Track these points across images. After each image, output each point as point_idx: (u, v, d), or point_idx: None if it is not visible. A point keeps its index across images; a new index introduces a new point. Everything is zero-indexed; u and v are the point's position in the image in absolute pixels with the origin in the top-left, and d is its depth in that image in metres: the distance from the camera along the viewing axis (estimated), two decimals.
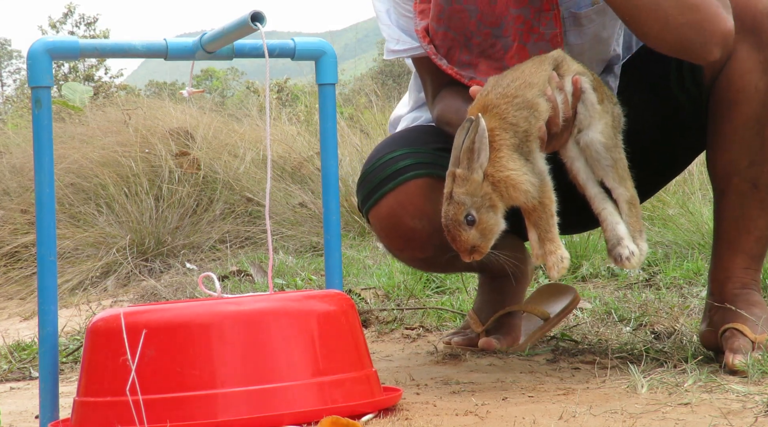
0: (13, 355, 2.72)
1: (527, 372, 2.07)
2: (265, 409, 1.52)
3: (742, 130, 1.90)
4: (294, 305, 1.63)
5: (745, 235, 1.99)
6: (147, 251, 4.38)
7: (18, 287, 4.33)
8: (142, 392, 1.50)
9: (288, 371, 1.56)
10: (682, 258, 3.23)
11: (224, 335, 1.54)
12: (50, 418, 1.70)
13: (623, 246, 1.85)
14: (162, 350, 1.53)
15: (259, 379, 1.54)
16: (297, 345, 1.58)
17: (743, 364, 1.86)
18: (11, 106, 18.37)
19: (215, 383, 1.52)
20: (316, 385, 1.58)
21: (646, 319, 2.52)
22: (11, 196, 5.01)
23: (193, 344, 1.53)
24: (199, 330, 1.54)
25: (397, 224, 2.07)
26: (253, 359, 1.54)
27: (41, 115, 1.71)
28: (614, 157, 1.86)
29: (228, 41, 1.78)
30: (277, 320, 1.58)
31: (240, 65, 36.47)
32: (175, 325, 1.54)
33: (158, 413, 1.50)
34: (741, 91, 1.87)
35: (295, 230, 4.55)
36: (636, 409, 1.63)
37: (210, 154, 4.99)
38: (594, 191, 1.89)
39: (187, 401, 1.51)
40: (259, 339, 1.55)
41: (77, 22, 35.96)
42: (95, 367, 1.59)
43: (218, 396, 1.51)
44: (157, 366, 1.52)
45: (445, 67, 2.04)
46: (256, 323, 1.56)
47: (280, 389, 1.54)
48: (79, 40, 1.77)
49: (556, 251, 1.79)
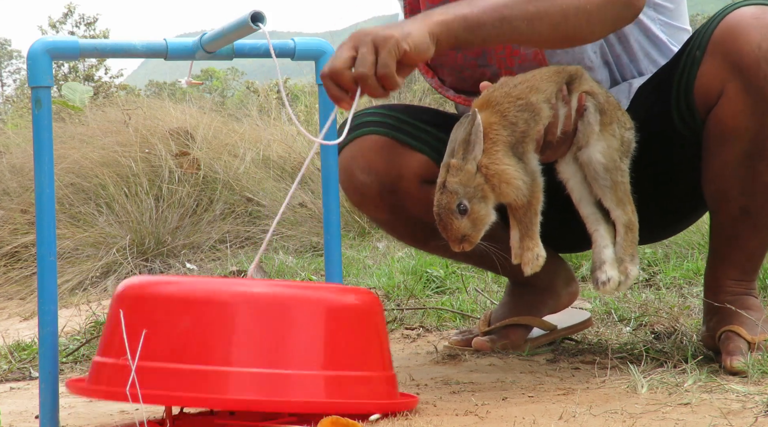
0: (13, 355, 2.72)
1: (527, 372, 2.07)
2: (277, 394, 1.51)
3: (733, 165, 1.90)
4: (323, 295, 1.62)
5: (738, 252, 2.00)
6: (147, 251, 4.38)
7: (18, 287, 4.33)
8: (158, 359, 1.50)
9: (306, 360, 1.55)
10: (682, 258, 3.22)
11: (247, 314, 1.54)
12: (50, 418, 1.70)
13: (602, 271, 1.86)
14: (183, 322, 1.52)
15: (276, 363, 1.53)
16: (318, 335, 1.57)
17: (742, 364, 1.86)
18: (11, 106, 18.37)
19: (231, 361, 1.51)
20: (334, 378, 1.57)
21: (646, 319, 2.52)
22: (11, 196, 5.01)
23: (214, 319, 1.52)
24: (222, 307, 1.53)
25: (350, 176, 2.12)
26: (274, 342, 1.53)
27: (41, 115, 1.71)
28: (614, 180, 1.86)
29: (228, 41, 1.78)
30: (302, 308, 1.57)
31: (240, 65, 36.45)
32: (200, 298, 1.54)
33: (171, 382, 1.50)
34: (731, 131, 1.87)
35: (295, 230, 4.55)
36: (636, 409, 1.63)
37: (210, 154, 4.98)
38: (587, 211, 1.90)
39: (200, 374, 1.50)
40: (281, 324, 1.54)
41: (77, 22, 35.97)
42: (115, 330, 1.59)
43: (232, 374, 1.51)
44: (176, 337, 1.52)
45: (452, 96, 2.12)
46: (282, 307, 1.55)
47: (295, 376, 1.53)
48: (79, 40, 1.77)
49: (533, 248, 1.80)
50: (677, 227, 2.32)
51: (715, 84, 1.87)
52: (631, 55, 2.11)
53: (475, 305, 2.88)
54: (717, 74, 1.86)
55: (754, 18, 1.83)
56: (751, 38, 1.82)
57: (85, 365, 2.55)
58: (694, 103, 1.91)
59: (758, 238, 1.98)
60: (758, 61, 1.81)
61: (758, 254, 2.01)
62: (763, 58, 1.81)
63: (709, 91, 1.88)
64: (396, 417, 1.65)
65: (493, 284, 3.15)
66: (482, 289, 3.05)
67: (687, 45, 1.95)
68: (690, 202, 2.14)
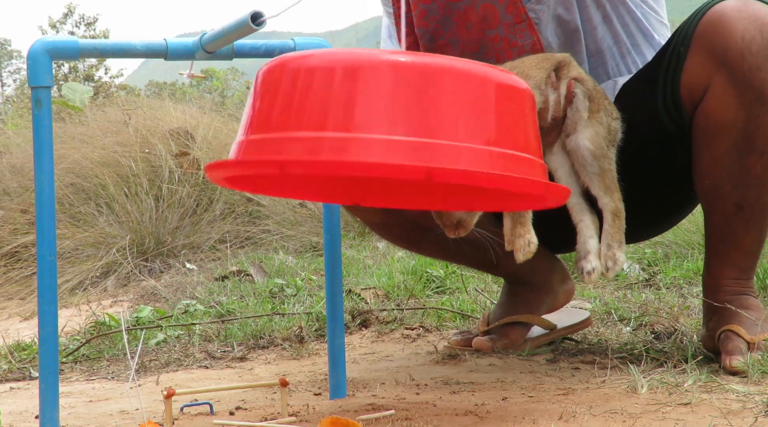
0: (13, 355, 2.72)
1: (527, 372, 2.07)
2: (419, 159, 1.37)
3: (723, 159, 1.90)
4: (476, 68, 1.48)
5: (734, 250, 2.00)
6: (147, 251, 4.38)
7: (18, 287, 4.33)
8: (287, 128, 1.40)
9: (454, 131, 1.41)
10: (682, 258, 3.23)
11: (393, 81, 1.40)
12: (50, 418, 1.70)
13: (587, 261, 1.87)
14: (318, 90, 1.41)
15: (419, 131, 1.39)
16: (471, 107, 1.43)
17: (742, 364, 1.86)
18: (11, 106, 18.37)
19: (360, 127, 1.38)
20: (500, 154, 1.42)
21: (646, 319, 2.52)
22: (11, 196, 5.01)
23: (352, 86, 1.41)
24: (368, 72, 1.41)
25: None
26: (417, 110, 1.40)
27: (41, 115, 1.71)
28: (602, 167, 1.87)
29: (228, 41, 1.78)
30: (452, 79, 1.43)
31: (240, 65, 36.45)
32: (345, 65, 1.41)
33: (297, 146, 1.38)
34: (719, 125, 1.88)
35: (295, 230, 4.55)
36: (636, 409, 1.63)
37: (210, 154, 4.99)
38: (573, 201, 1.90)
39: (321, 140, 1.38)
40: (429, 93, 1.41)
41: (77, 22, 35.97)
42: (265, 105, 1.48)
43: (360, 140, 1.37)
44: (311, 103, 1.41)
45: None
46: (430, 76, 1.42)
47: (439, 145, 1.39)
48: (79, 41, 1.77)
49: (524, 235, 1.80)
50: (670, 222, 2.32)
51: (701, 79, 1.87)
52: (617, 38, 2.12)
53: (475, 305, 2.88)
54: (702, 69, 1.87)
55: (736, 11, 1.84)
56: (734, 30, 1.82)
57: (85, 365, 2.55)
58: (681, 99, 1.92)
59: (752, 233, 1.98)
60: (742, 52, 1.81)
61: (753, 250, 2.01)
62: (746, 49, 1.81)
63: (696, 87, 1.89)
64: (396, 417, 1.65)
65: (492, 284, 3.15)
66: (482, 289, 3.05)
67: (671, 41, 1.96)
68: (678, 197, 2.14)
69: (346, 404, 1.82)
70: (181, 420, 1.78)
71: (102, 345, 2.74)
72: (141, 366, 2.46)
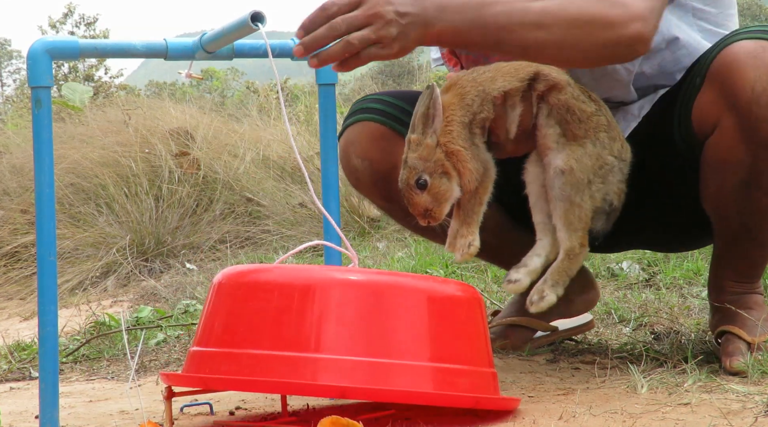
0: (13, 355, 2.72)
1: (527, 372, 2.07)
2: (374, 382, 1.48)
3: (729, 190, 1.90)
4: (421, 284, 1.59)
5: (740, 260, 2.01)
6: (147, 251, 4.38)
7: (18, 287, 4.33)
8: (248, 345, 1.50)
9: (404, 350, 1.51)
10: (682, 258, 3.22)
11: (341, 301, 1.51)
12: (50, 418, 1.70)
13: (518, 272, 1.85)
14: (275, 309, 1.51)
15: (373, 352, 1.49)
16: (418, 325, 1.53)
17: (742, 364, 1.86)
18: (11, 106, 18.38)
19: (322, 348, 1.48)
20: (441, 370, 1.53)
21: (646, 319, 2.52)
22: (11, 196, 5.01)
23: (307, 306, 1.50)
24: (321, 292, 1.51)
25: (347, 159, 2.14)
26: (369, 330, 1.50)
27: (41, 115, 1.71)
28: (571, 199, 1.82)
29: (228, 41, 1.78)
30: (400, 296, 1.53)
31: (240, 65, 36.44)
32: (295, 285, 1.52)
33: (262, 367, 1.49)
34: (727, 162, 1.87)
35: (295, 230, 4.55)
36: (636, 409, 1.63)
37: (210, 154, 4.99)
38: (539, 219, 1.88)
39: (290, 361, 1.48)
40: (377, 311, 1.51)
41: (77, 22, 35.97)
42: (213, 319, 1.59)
43: (322, 361, 1.48)
44: (268, 323, 1.51)
45: None
46: (378, 295, 1.52)
47: (394, 365, 1.50)
48: (79, 40, 1.77)
49: (467, 236, 1.80)
50: (702, 240, 2.26)
51: (712, 115, 1.86)
52: None
53: None
54: (713, 106, 1.85)
55: (751, 56, 1.80)
56: (745, 78, 1.79)
57: (85, 365, 2.55)
58: (692, 128, 1.91)
59: (760, 248, 1.99)
60: (750, 103, 1.79)
61: (760, 262, 2.02)
62: (755, 101, 1.79)
63: (707, 121, 1.88)
64: (396, 417, 1.65)
65: (493, 284, 3.15)
66: (482, 289, 3.05)
67: (692, 68, 1.95)
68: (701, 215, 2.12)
69: (346, 404, 1.82)
70: (181, 420, 1.78)
71: (102, 345, 2.75)
72: (141, 366, 2.46)
